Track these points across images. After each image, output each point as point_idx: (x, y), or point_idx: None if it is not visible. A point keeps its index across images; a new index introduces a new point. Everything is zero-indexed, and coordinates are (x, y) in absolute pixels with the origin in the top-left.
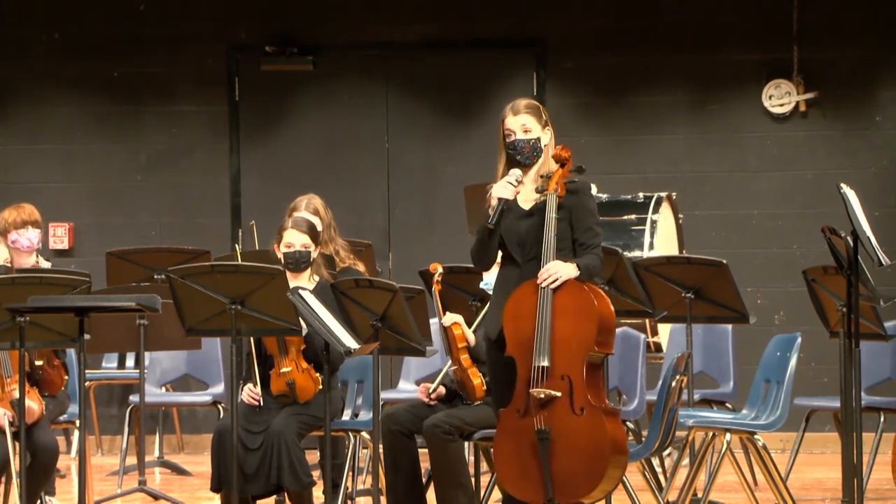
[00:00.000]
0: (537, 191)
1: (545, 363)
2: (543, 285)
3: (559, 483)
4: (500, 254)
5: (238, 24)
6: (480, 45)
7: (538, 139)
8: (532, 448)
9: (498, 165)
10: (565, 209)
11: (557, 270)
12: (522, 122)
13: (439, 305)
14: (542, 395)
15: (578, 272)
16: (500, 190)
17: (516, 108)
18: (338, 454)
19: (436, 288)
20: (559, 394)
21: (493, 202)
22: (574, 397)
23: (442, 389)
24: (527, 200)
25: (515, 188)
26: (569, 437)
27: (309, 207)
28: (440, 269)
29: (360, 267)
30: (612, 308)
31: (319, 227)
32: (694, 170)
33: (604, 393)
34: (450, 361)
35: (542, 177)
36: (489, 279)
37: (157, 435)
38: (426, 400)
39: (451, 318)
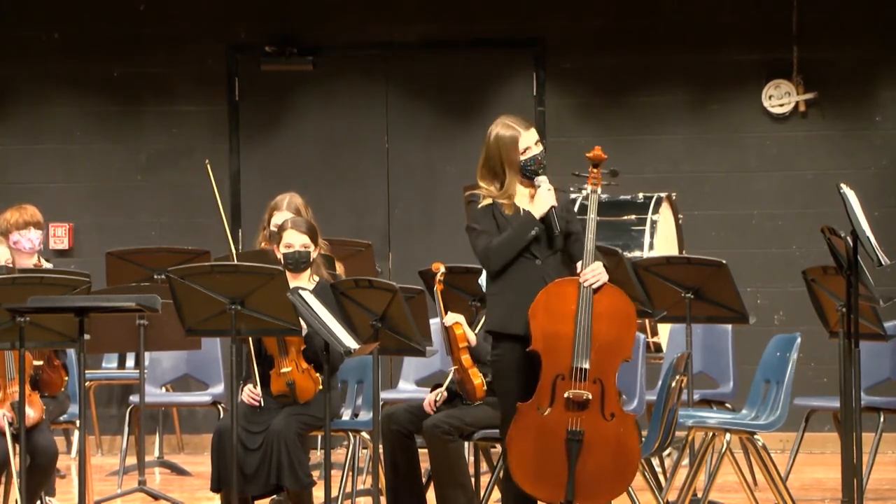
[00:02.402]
0: (574, 189)
1: (586, 365)
2: (586, 285)
3: (583, 485)
4: None
5: (238, 24)
6: (480, 45)
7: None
8: (556, 446)
9: (510, 181)
10: (564, 211)
11: (602, 272)
12: (537, 137)
13: (441, 305)
14: (572, 396)
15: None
16: (550, 198)
17: (525, 123)
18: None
19: (438, 288)
20: (590, 396)
21: (544, 211)
22: (605, 402)
23: (444, 395)
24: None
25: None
26: (599, 442)
27: (290, 206)
28: (442, 269)
29: (339, 268)
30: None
31: None
32: (694, 170)
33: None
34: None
35: (574, 175)
36: (483, 279)
37: (157, 435)
38: (431, 412)
39: (452, 317)
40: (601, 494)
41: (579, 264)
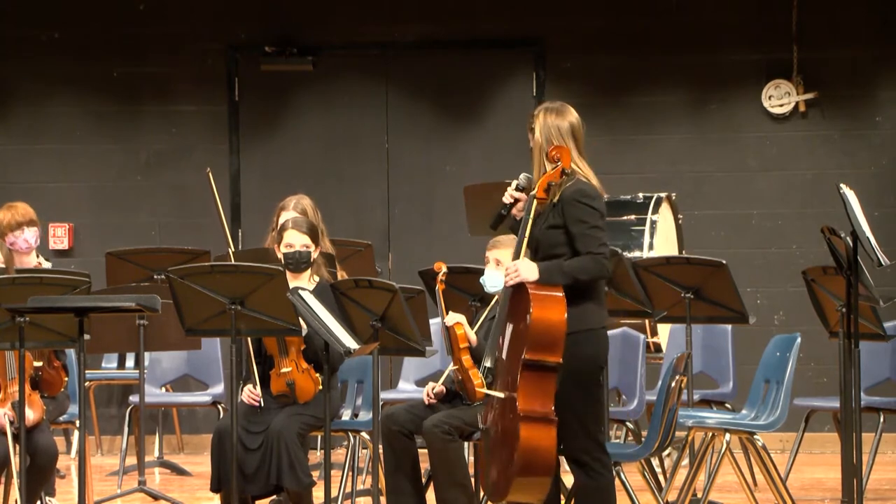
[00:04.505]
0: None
1: (487, 364)
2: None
3: (488, 483)
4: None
5: (238, 24)
6: (480, 45)
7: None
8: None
9: None
10: (559, 218)
11: (516, 270)
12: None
13: (442, 305)
14: (487, 395)
15: (538, 275)
16: (504, 195)
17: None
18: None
19: (439, 287)
20: (501, 395)
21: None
22: (516, 398)
23: (442, 389)
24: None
25: (512, 194)
26: (497, 439)
27: (297, 207)
28: (444, 269)
29: (340, 276)
30: (559, 314)
31: None
32: (693, 170)
33: (546, 401)
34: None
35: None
36: (485, 278)
37: (157, 435)
38: (430, 402)
39: (453, 317)
40: (497, 494)
41: None
